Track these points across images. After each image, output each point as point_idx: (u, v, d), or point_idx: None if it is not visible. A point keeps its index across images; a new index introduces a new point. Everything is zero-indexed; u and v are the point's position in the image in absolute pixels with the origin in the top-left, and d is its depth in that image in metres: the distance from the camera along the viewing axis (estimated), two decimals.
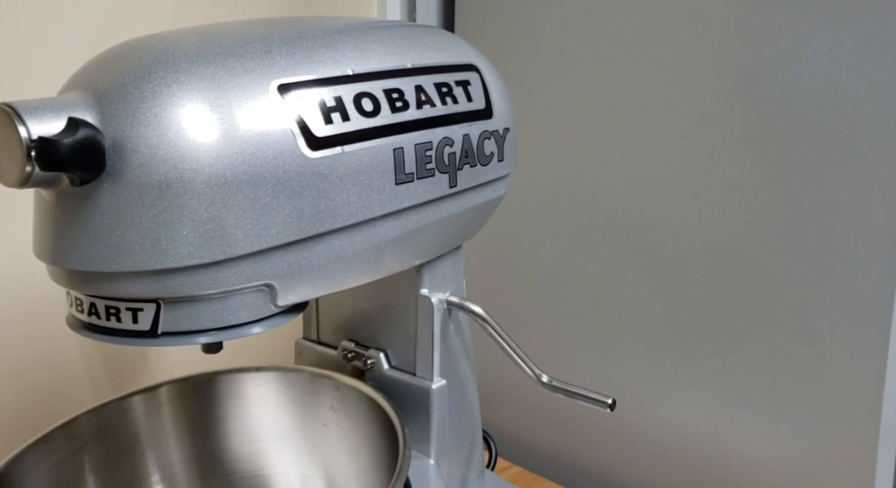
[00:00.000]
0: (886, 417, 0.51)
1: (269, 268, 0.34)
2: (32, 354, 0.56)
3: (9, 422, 0.53)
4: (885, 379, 0.50)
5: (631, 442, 0.63)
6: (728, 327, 0.56)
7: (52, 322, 0.56)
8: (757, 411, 0.55)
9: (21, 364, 0.56)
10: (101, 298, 0.33)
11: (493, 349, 0.63)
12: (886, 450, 0.51)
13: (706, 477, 0.59)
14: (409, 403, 0.46)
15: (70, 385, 0.57)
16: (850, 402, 0.51)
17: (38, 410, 0.52)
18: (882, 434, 0.51)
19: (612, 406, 0.44)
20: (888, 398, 0.50)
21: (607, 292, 0.63)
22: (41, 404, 0.51)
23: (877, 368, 0.50)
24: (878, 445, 0.51)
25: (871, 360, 0.50)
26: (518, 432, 0.71)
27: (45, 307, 0.56)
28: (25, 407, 0.55)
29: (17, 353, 0.56)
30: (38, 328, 0.56)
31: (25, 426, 0.42)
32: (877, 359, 0.50)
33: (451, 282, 0.47)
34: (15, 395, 0.55)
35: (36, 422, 0.42)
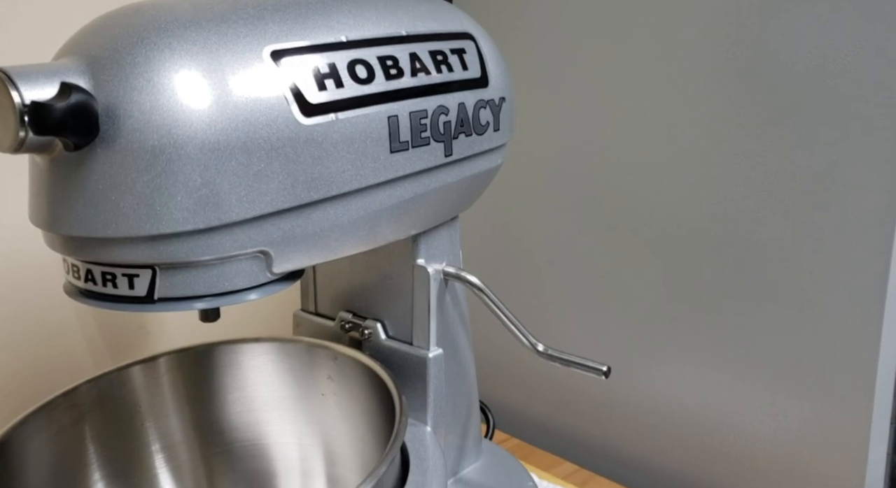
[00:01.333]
0: (880, 388, 0.51)
1: (264, 235, 0.35)
2: (33, 328, 0.57)
3: (10, 395, 0.54)
4: (879, 350, 0.50)
5: (628, 414, 0.64)
6: (725, 299, 0.56)
7: (51, 296, 0.57)
8: (753, 382, 0.56)
9: (21, 338, 0.56)
10: (98, 264, 0.33)
11: (491, 326, 0.64)
12: (880, 421, 0.52)
13: (702, 449, 0.59)
14: (406, 372, 0.46)
15: (71, 359, 0.58)
16: (845, 373, 0.51)
17: (39, 382, 0.53)
18: (876, 404, 0.51)
19: (607, 373, 0.45)
20: (882, 369, 0.51)
21: (604, 266, 0.63)
22: (42, 377, 0.52)
23: (871, 340, 0.50)
24: (871, 416, 0.51)
25: (866, 332, 0.50)
26: (516, 406, 0.71)
27: (44, 281, 0.56)
28: (25, 379, 0.55)
29: (18, 328, 0.56)
30: (37, 303, 0.56)
31: (26, 398, 0.42)
32: (872, 331, 0.50)
33: (448, 252, 0.47)
34: (15, 369, 0.56)
35: (37, 394, 0.43)
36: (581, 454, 0.66)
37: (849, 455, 0.52)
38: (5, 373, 0.55)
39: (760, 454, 0.56)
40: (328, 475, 0.49)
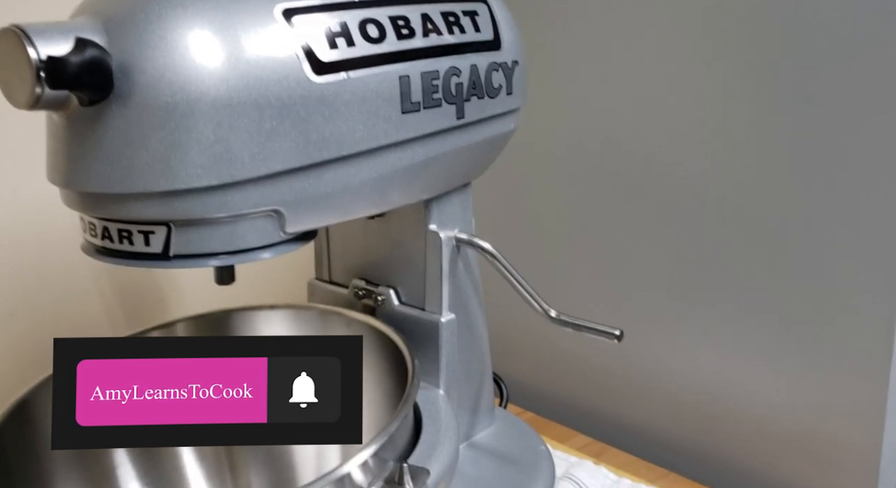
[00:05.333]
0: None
1: (277, 193, 0.35)
2: (54, 301, 0.58)
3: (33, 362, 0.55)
4: (895, 321, 0.50)
5: (642, 386, 0.64)
6: (739, 270, 0.56)
7: (72, 268, 0.58)
8: (768, 353, 0.56)
9: (44, 309, 0.57)
10: (114, 221, 0.34)
11: (504, 301, 0.64)
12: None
13: (716, 420, 0.59)
14: (419, 338, 0.47)
15: (91, 330, 0.59)
16: (862, 343, 0.51)
17: None
18: (892, 373, 0.51)
19: (620, 337, 0.45)
20: None
21: (619, 236, 0.63)
22: None
23: (888, 309, 0.49)
24: (888, 384, 0.50)
25: (882, 302, 0.49)
26: (530, 381, 0.72)
27: (66, 254, 0.57)
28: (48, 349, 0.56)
29: (40, 299, 0.57)
30: (59, 275, 0.57)
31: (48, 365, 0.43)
32: (888, 300, 0.49)
33: (460, 219, 0.47)
34: (38, 339, 0.57)
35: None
36: (595, 426, 0.67)
37: (865, 424, 0.51)
38: (28, 343, 0.56)
39: (775, 425, 0.56)
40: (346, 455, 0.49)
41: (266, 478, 0.50)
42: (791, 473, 0.55)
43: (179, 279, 0.63)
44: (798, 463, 0.55)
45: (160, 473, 0.47)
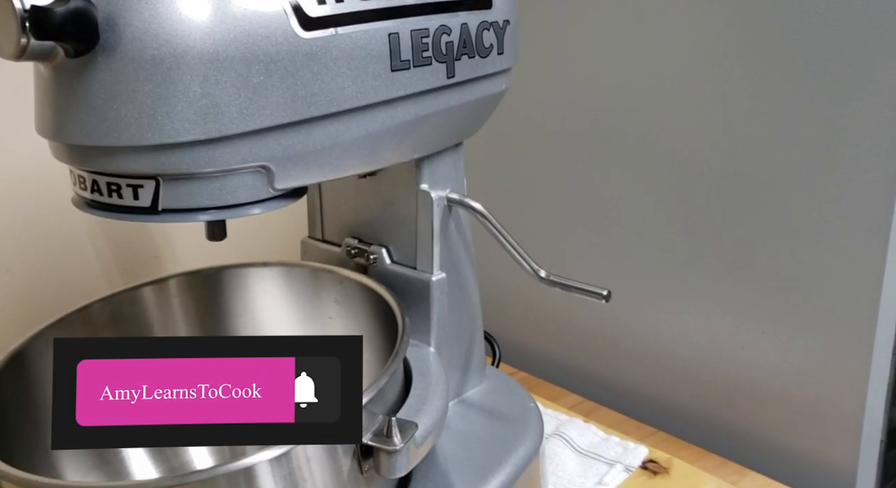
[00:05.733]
0: (883, 320, 0.51)
1: (265, 149, 0.35)
2: (49, 256, 0.58)
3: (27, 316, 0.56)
4: (882, 283, 0.50)
5: (633, 347, 0.64)
6: (730, 233, 0.56)
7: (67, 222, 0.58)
8: (757, 316, 0.56)
9: (39, 265, 0.58)
10: (102, 175, 0.34)
11: (496, 263, 0.64)
12: (881, 352, 0.52)
13: (704, 380, 0.60)
14: (411, 296, 0.47)
15: (86, 285, 0.59)
16: (849, 306, 0.51)
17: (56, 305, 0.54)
18: (878, 336, 0.51)
19: (608, 297, 0.45)
20: (885, 302, 0.50)
21: (611, 199, 0.63)
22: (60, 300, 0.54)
23: (874, 273, 0.50)
24: (873, 347, 0.51)
25: (869, 265, 0.50)
26: (522, 342, 0.72)
27: (61, 211, 0.58)
28: (42, 302, 0.57)
29: (36, 256, 0.58)
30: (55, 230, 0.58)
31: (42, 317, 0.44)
32: (875, 264, 0.50)
33: (452, 179, 0.47)
34: (32, 295, 0.58)
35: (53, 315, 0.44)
36: (586, 387, 0.68)
37: (850, 384, 0.52)
38: (23, 298, 0.57)
39: (762, 384, 0.57)
40: None
41: None
42: (776, 431, 0.56)
43: (173, 236, 0.63)
44: (783, 421, 0.56)
45: None
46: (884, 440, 0.52)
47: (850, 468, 0.52)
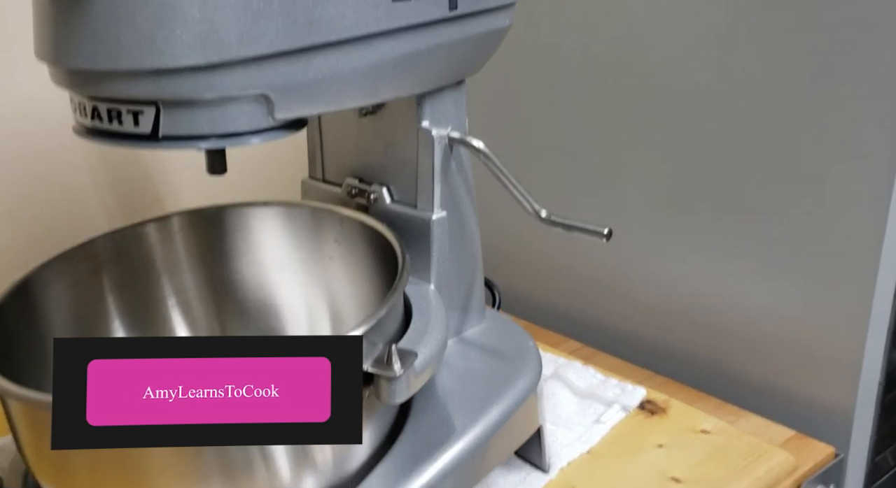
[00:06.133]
0: (884, 265, 0.51)
1: (265, 77, 0.35)
2: (50, 197, 0.58)
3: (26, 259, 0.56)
4: (885, 229, 0.50)
5: (633, 293, 0.65)
6: (733, 180, 0.56)
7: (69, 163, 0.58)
8: (758, 260, 0.56)
9: (40, 205, 0.58)
10: (102, 100, 0.34)
11: (497, 214, 0.64)
12: (882, 297, 0.52)
13: (704, 325, 0.61)
14: (411, 235, 0.48)
15: (88, 225, 0.60)
16: (849, 250, 0.51)
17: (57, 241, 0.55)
18: (879, 281, 0.51)
19: (608, 236, 0.45)
20: (887, 247, 0.51)
21: (614, 144, 0.62)
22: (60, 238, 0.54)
23: (877, 217, 0.50)
24: (873, 291, 0.51)
25: (871, 210, 0.50)
26: (523, 290, 0.73)
27: (60, 150, 0.58)
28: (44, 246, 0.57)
29: (37, 196, 0.58)
30: (56, 169, 0.58)
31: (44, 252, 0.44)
32: (877, 208, 0.49)
33: (453, 118, 0.47)
34: (33, 236, 0.58)
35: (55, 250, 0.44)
36: (586, 333, 0.68)
37: (849, 329, 0.52)
38: (24, 238, 0.57)
39: (762, 330, 0.57)
40: (335, 334, 0.51)
41: None
42: (775, 374, 0.57)
43: (174, 177, 0.63)
44: (782, 364, 0.56)
45: None
46: (882, 382, 0.53)
47: (847, 410, 0.53)
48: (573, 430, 0.53)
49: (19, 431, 0.38)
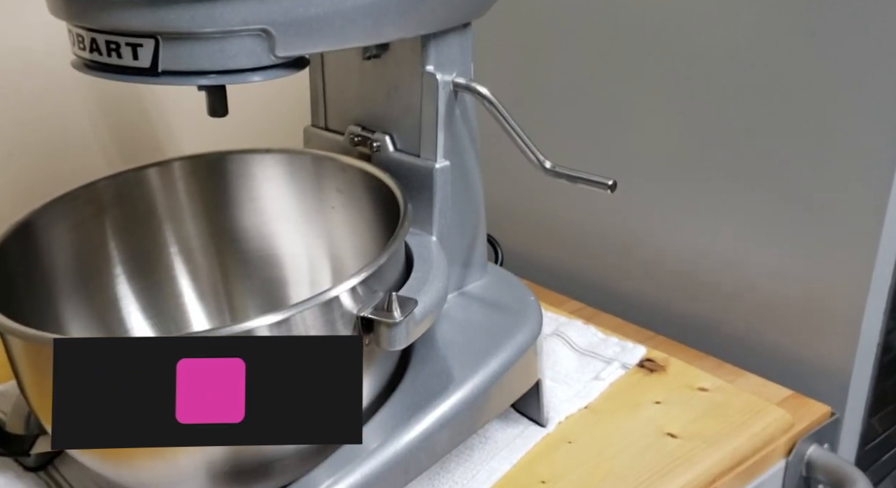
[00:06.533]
0: (888, 228, 0.51)
1: (265, 11, 0.34)
2: (50, 140, 0.58)
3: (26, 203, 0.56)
4: (890, 189, 0.49)
5: (636, 254, 0.64)
6: (738, 138, 0.55)
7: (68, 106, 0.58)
8: (761, 220, 0.56)
9: (40, 149, 0.58)
10: (101, 33, 0.34)
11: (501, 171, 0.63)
12: (884, 259, 0.52)
13: (708, 285, 0.60)
14: (414, 185, 0.47)
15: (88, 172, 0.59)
16: (852, 211, 0.51)
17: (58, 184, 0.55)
18: (882, 243, 0.51)
19: (613, 187, 0.45)
20: (891, 208, 0.50)
21: (621, 99, 0.61)
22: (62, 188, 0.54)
23: (881, 177, 0.49)
24: (875, 254, 0.51)
25: (876, 172, 0.49)
26: (525, 249, 0.73)
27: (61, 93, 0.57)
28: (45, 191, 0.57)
29: (38, 140, 0.57)
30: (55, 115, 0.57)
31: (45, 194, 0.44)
32: (881, 169, 0.49)
33: (459, 62, 0.46)
34: (34, 180, 0.58)
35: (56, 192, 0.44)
36: (587, 294, 0.68)
37: (851, 291, 0.52)
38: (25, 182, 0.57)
39: (763, 291, 0.57)
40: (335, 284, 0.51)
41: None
42: (774, 335, 0.57)
43: (174, 121, 0.63)
44: (782, 324, 0.56)
45: (162, 308, 0.49)
46: (881, 343, 0.53)
47: (845, 371, 0.53)
48: (572, 386, 0.53)
49: (21, 371, 0.38)
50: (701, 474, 0.46)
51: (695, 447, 0.48)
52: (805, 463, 0.50)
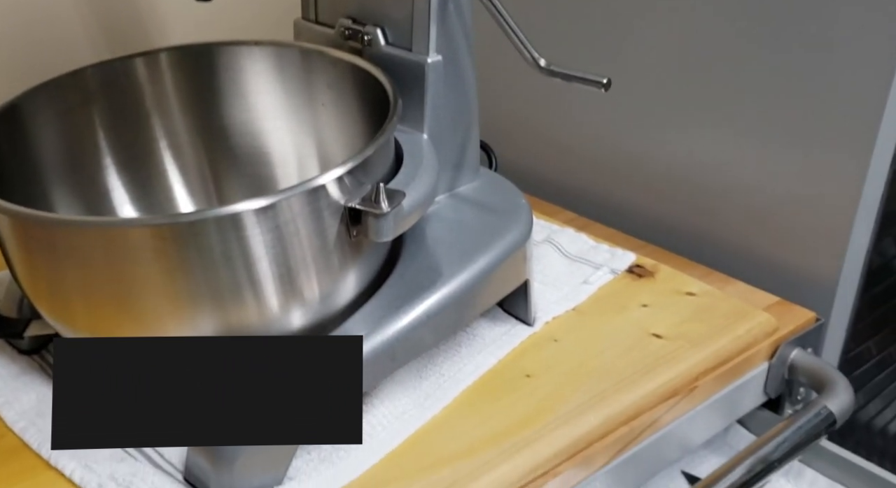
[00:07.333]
0: (881, 141, 0.50)
1: None
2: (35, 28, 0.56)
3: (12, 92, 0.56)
4: (885, 105, 0.48)
5: (630, 165, 0.64)
6: (734, 53, 0.54)
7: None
8: (754, 132, 0.55)
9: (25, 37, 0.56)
10: None
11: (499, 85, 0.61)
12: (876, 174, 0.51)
13: (700, 196, 0.60)
14: (406, 81, 0.46)
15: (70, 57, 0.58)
16: (846, 122, 0.50)
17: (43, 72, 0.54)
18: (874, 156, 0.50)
19: (607, 85, 0.44)
20: (885, 123, 0.49)
21: (623, 12, 0.60)
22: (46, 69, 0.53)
23: (878, 94, 0.48)
24: (868, 166, 0.50)
25: (872, 86, 0.48)
26: (518, 161, 0.72)
27: None
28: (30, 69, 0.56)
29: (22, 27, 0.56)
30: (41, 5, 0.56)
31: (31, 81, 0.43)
32: (878, 85, 0.48)
33: None
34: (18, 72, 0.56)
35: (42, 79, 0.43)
36: (580, 205, 0.68)
37: (841, 202, 0.52)
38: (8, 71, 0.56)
39: (755, 201, 0.57)
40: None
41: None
42: (764, 244, 0.57)
43: (162, 11, 0.61)
44: (773, 234, 0.56)
45: (152, 202, 0.49)
46: (870, 250, 0.53)
47: (832, 278, 0.53)
48: (561, 290, 0.54)
49: (10, 252, 0.38)
50: (683, 372, 0.47)
51: (679, 347, 0.49)
52: (788, 366, 0.52)
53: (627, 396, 0.45)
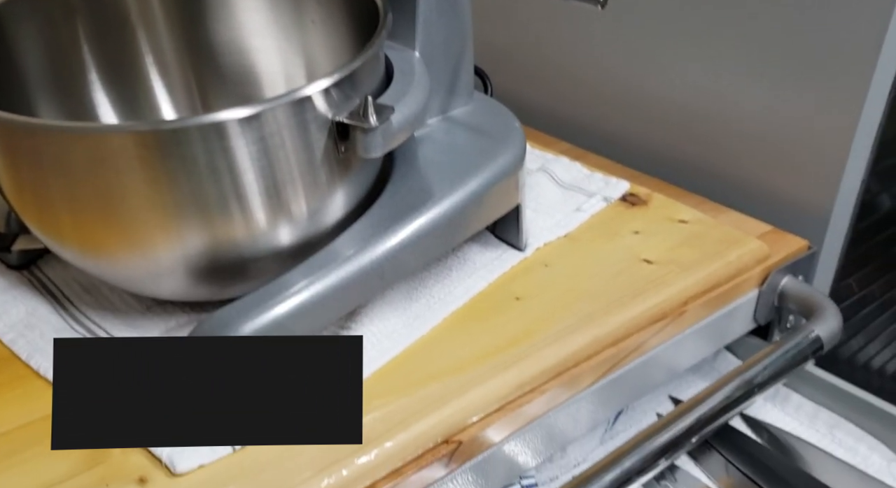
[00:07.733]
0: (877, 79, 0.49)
1: None
2: None
3: None
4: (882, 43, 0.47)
5: (627, 98, 0.63)
6: None
7: None
8: (751, 64, 0.54)
9: None
10: None
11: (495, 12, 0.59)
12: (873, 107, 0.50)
13: (696, 127, 0.59)
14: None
15: None
16: (843, 55, 0.49)
17: None
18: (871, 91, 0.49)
19: (603, 3, 0.43)
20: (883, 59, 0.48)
21: None
22: None
23: (875, 34, 0.46)
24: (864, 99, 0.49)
25: (870, 27, 0.46)
26: (514, 92, 0.71)
27: None
28: None
29: None
30: None
31: None
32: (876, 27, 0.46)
33: None
34: None
35: None
36: (576, 135, 0.67)
37: (836, 134, 0.51)
38: None
39: (750, 133, 0.56)
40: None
41: None
42: (760, 174, 0.56)
43: None
44: (768, 164, 0.56)
45: (138, 116, 0.48)
46: (865, 179, 0.52)
47: (825, 206, 0.53)
48: (553, 217, 0.54)
49: None
50: (672, 296, 0.47)
51: (669, 272, 0.49)
52: (778, 293, 0.52)
53: (615, 318, 0.45)
